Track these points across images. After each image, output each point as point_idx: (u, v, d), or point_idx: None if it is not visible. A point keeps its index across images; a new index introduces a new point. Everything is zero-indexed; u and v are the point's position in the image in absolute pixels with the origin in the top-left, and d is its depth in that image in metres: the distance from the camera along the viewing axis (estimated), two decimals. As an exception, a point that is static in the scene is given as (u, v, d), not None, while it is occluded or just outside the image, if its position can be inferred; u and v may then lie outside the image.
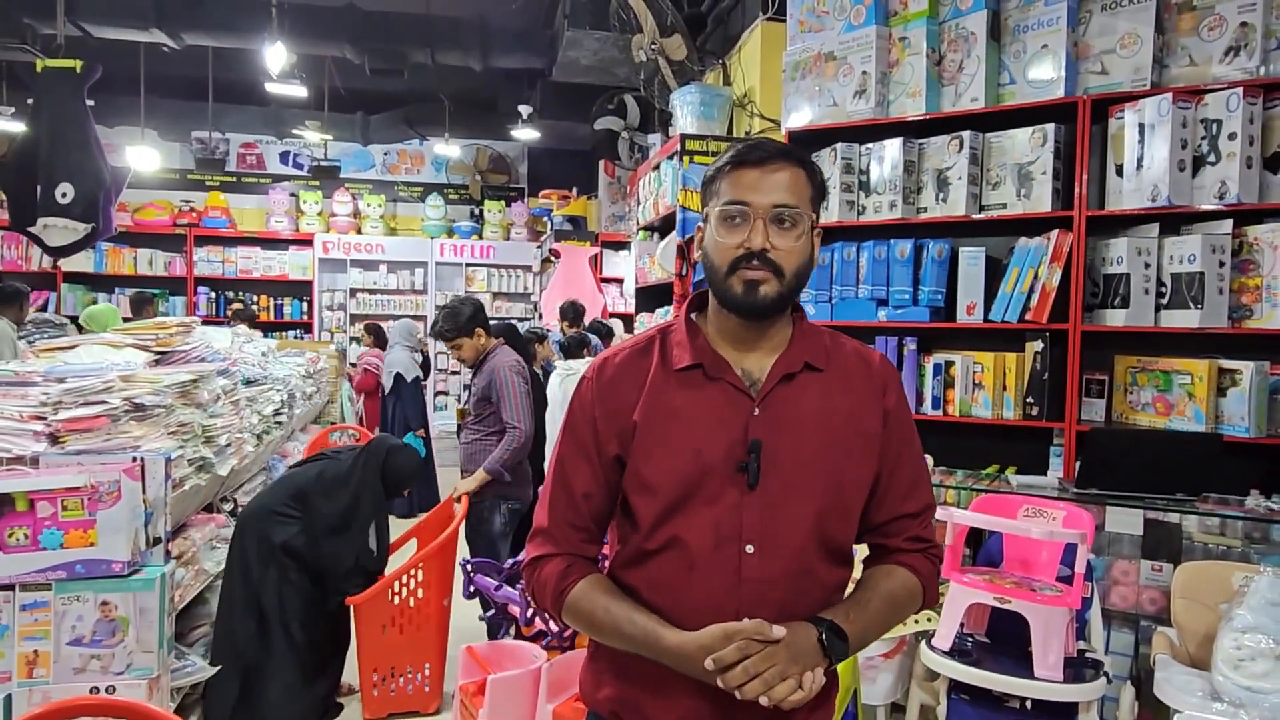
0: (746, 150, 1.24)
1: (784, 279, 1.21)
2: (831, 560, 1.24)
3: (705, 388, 1.24)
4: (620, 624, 1.21)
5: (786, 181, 1.21)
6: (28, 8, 5.25)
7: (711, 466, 1.20)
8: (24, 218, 3.90)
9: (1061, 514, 2.28)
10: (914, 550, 1.29)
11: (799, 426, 1.22)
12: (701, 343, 1.27)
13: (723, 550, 1.18)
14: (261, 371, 4.32)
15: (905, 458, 1.29)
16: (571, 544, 1.29)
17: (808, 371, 1.25)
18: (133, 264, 9.01)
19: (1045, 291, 3.16)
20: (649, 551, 1.23)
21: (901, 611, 1.28)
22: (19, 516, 2.30)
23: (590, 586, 1.25)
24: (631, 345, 1.32)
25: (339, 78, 7.42)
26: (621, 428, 1.25)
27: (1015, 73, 3.32)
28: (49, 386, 2.60)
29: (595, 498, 1.28)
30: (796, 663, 1.11)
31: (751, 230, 1.20)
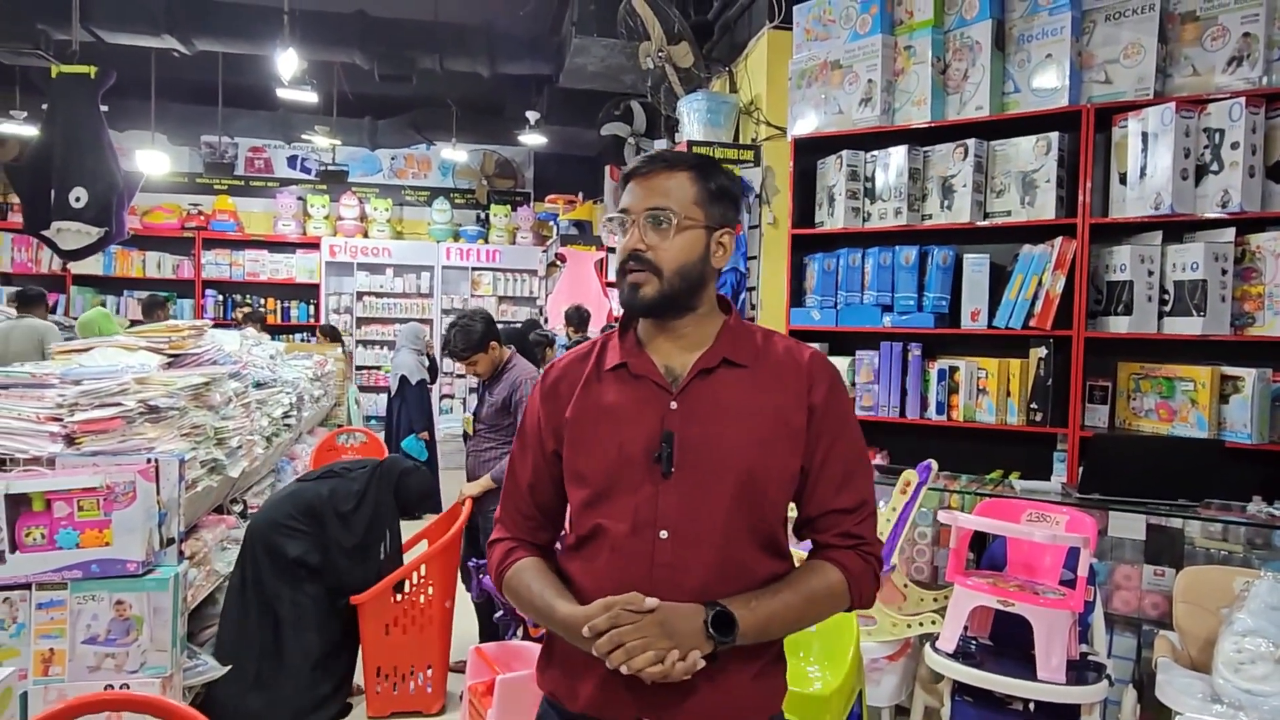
0: (635, 163, 1.34)
1: (663, 277, 1.27)
2: (755, 549, 1.27)
3: (629, 384, 1.31)
4: (535, 599, 1.30)
5: (662, 186, 1.29)
6: (42, 13, 5.31)
7: (631, 457, 1.27)
8: (38, 221, 3.94)
9: (1064, 519, 2.31)
10: (845, 547, 1.30)
11: (715, 419, 1.27)
12: (630, 344, 1.35)
13: (638, 536, 1.24)
14: (271, 374, 4.36)
15: (835, 453, 1.30)
16: (521, 530, 1.40)
17: (727, 367, 1.30)
18: (141, 267, 9.07)
19: (1049, 298, 3.18)
20: (581, 538, 1.32)
21: (820, 608, 1.29)
22: (36, 516, 2.33)
23: (523, 567, 1.35)
24: (576, 351, 1.42)
25: (347, 83, 7.48)
26: (558, 425, 1.34)
27: (1020, 81, 3.35)
28: (65, 388, 2.64)
29: (539, 489, 1.39)
30: (668, 639, 1.15)
31: (628, 235, 1.29)
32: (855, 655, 2.00)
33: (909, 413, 3.50)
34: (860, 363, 3.64)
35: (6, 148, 8.49)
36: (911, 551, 2.81)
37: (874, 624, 2.32)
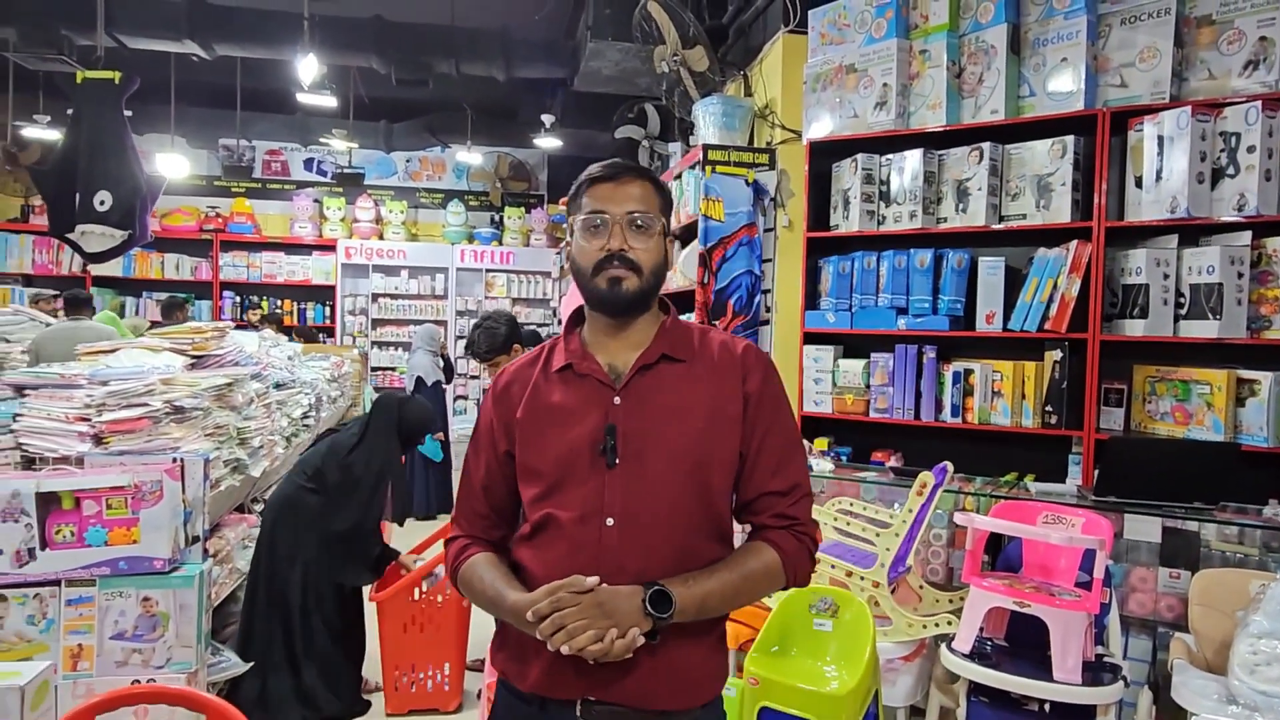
0: (600, 169, 1.40)
1: (643, 276, 1.36)
2: (697, 534, 1.34)
3: (575, 383, 1.39)
4: (486, 589, 1.36)
5: (638, 193, 1.37)
6: (65, 19, 5.39)
7: (579, 451, 1.34)
8: (62, 224, 4.01)
9: (1080, 521, 2.32)
10: (780, 527, 1.38)
11: (657, 412, 1.34)
12: (574, 345, 1.43)
13: (586, 524, 1.31)
14: (289, 375, 4.41)
15: (770, 439, 1.38)
16: (475, 528, 1.46)
17: (666, 362, 1.38)
18: (160, 269, 9.17)
19: (1064, 301, 3.19)
20: (535, 525, 1.37)
21: (757, 586, 1.36)
22: (66, 514, 2.37)
23: (475, 561, 1.42)
24: (525, 357, 1.50)
25: (363, 86, 7.55)
26: (509, 425, 1.41)
27: (1035, 85, 3.36)
28: (93, 389, 2.69)
29: (493, 488, 1.45)
30: (607, 618, 1.21)
31: (610, 234, 1.35)
32: (871, 655, 2.02)
33: (923, 415, 3.51)
34: (875, 365, 3.65)
35: (29, 151, 8.60)
36: (927, 553, 2.82)
37: (890, 624, 2.34)
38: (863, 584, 2.36)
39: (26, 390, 2.69)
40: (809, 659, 2.11)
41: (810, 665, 2.09)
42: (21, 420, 2.60)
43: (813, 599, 2.17)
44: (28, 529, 2.31)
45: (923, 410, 3.52)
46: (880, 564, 2.34)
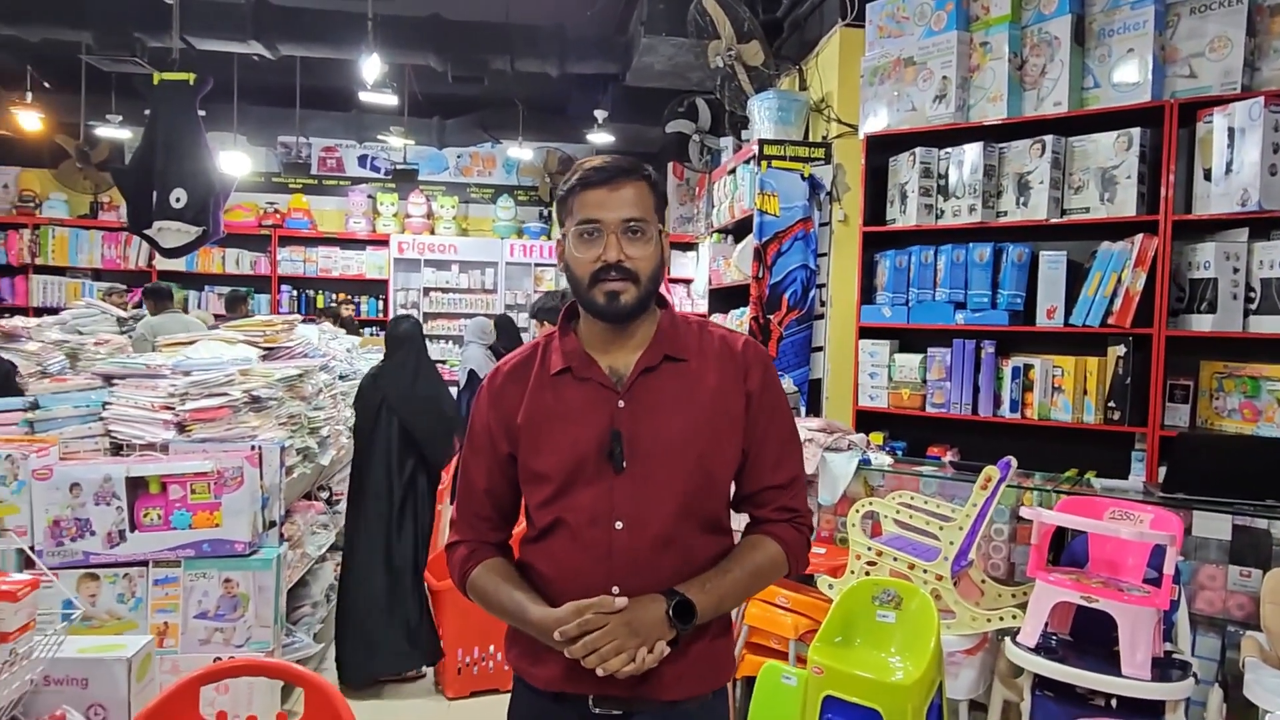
0: (592, 172, 1.35)
1: (640, 284, 1.34)
2: (704, 532, 1.37)
3: (576, 387, 1.37)
4: (504, 601, 1.37)
5: (631, 197, 1.33)
6: (138, 23, 5.58)
7: (585, 456, 1.33)
8: (141, 221, 4.18)
9: (1149, 517, 2.30)
10: (781, 520, 1.40)
11: (661, 413, 1.34)
12: (572, 347, 1.40)
13: (596, 527, 1.32)
14: (350, 367, 4.54)
15: (771, 434, 1.40)
16: (478, 532, 1.46)
17: (669, 363, 1.37)
18: (221, 263, 9.43)
19: (1129, 296, 3.15)
20: (542, 529, 1.38)
21: (764, 578, 1.40)
22: (153, 498, 2.49)
23: (486, 569, 1.42)
24: (519, 355, 1.47)
25: (417, 84, 7.67)
26: (510, 428, 1.40)
27: (1100, 76, 3.31)
28: (176, 379, 2.81)
29: (495, 491, 1.44)
30: (634, 636, 1.23)
31: (606, 244, 1.32)
32: (936, 647, 2.04)
33: (981, 410, 3.50)
34: (931, 360, 3.64)
35: (99, 149, 8.91)
36: (988, 548, 2.82)
37: (953, 618, 2.35)
38: (925, 577, 2.38)
39: (114, 380, 2.83)
40: (873, 650, 2.14)
41: (874, 656, 2.11)
42: (110, 408, 2.73)
43: (875, 590, 2.19)
44: (119, 512, 2.43)
45: (980, 405, 3.50)
46: (944, 557, 2.35)
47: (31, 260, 9.09)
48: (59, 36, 5.88)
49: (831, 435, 3.08)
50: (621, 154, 1.44)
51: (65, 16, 5.64)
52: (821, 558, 2.78)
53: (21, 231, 9.07)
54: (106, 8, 5.65)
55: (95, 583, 2.45)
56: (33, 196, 9.23)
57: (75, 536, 2.41)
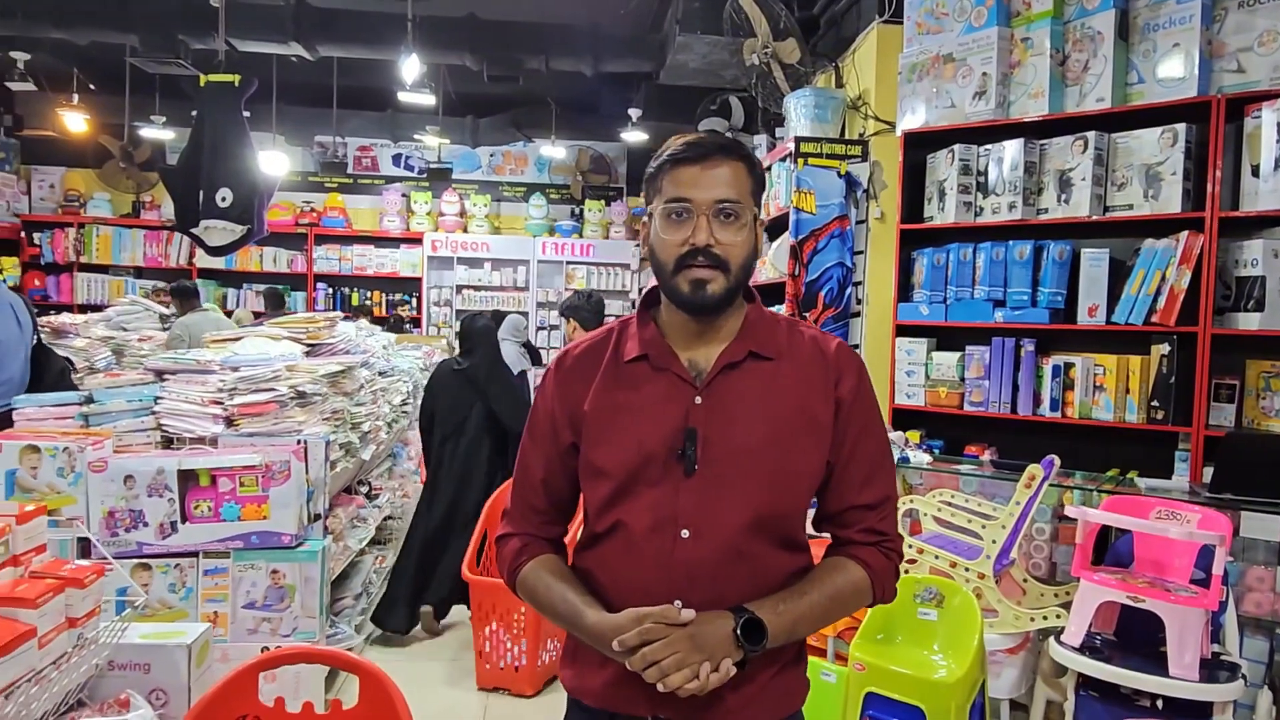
0: (685, 148, 1.23)
1: (730, 273, 1.22)
2: (777, 547, 1.24)
3: (651, 378, 1.26)
4: (555, 602, 1.27)
5: (727, 176, 1.22)
6: (182, 25, 5.71)
7: (653, 454, 1.22)
8: (188, 219, 4.28)
9: (1197, 517, 2.28)
10: (868, 543, 1.27)
11: (741, 414, 1.23)
12: (650, 334, 1.29)
13: (659, 534, 1.21)
14: (388, 363, 4.60)
15: (861, 448, 1.27)
16: (531, 525, 1.36)
17: (754, 360, 1.25)
18: (259, 261, 9.59)
19: (1173, 294, 3.11)
20: (597, 534, 1.28)
21: (845, 606, 1.27)
22: (203, 491, 2.54)
23: (538, 565, 1.31)
24: (591, 338, 1.36)
25: (451, 83, 7.75)
26: (574, 417, 1.29)
27: (1144, 72, 3.27)
28: (225, 374, 2.87)
29: (553, 483, 1.34)
30: (699, 652, 1.12)
31: (695, 227, 1.21)
32: (979, 645, 2.03)
33: (1020, 409, 3.47)
34: (970, 358, 3.62)
35: (141, 149, 9.10)
36: (1029, 547, 2.80)
37: (995, 616, 2.34)
38: (968, 575, 2.37)
39: (166, 375, 2.89)
40: (914, 647, 2.14)
41: (916, 653, 2.11)
42: (162, 403, 2.80)
43: (917, 588, 2.19)
44: (170, 503, 2.49)
45: (1020, 404, 3.47)
46: (986, 555, 2.34)
47: (76, 258, 9.32)
48: (106, 39, 6.02)
49: (870, 433, 3.07)
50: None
51: (112, 20, 5.78)
52: (860, 555, 2.77)
53: (67, 230, 9.30)
54: (152, 11, 5.78)
55: (148, 572, 2.51)
56: (77, 196, 9.45)
57: (129, 527, 2.47)
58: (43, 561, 1.56)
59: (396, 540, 4.75)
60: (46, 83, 7.33)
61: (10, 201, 9.03)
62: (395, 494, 4.64)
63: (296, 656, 1.60)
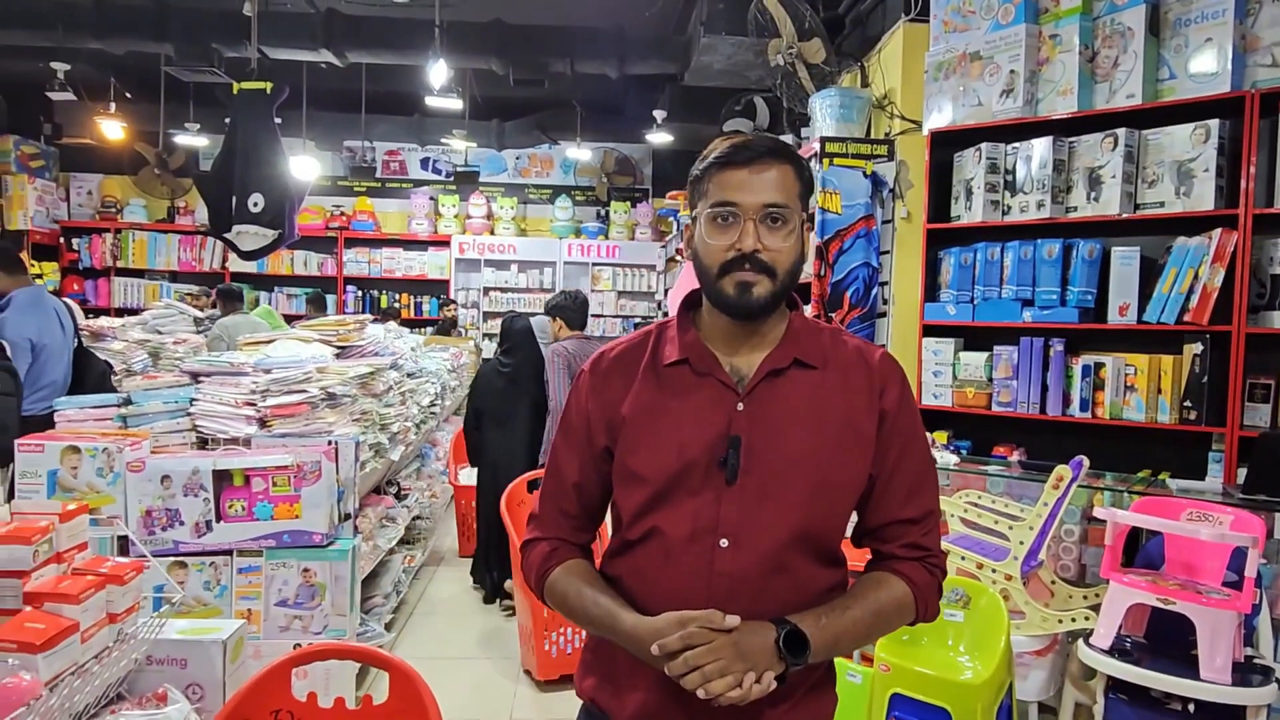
0: (733, 150, 1.20)
1: (776, 279, 1.19)
2: (816, 560, 1.22)
3: (692, 383, 1.24)
4: (587, 605, 1.23)
5: (775, 180, 1.19)
6: (216, 34, 5.82)
7: (693, 461, 1.20)
8: (222, 225, 4.37)
9: (1229, 518, 2.25)
10: (911, 559, 1.24)
11: (784, 423, 1.20)
12: (691, 338, 1.26)
13: (698, 543, 1.18)
14: (416, 365, 4.65)
15: (905, 461, 1.24)
16: (561, 530, 1.32)
17: (798, 368, 1.23)
18: (290, 265, 9.73)
19: (1206, 292, 3.06)
20: (631, 542, 1.25)
21: (888, 623, 1.24)
22: (236, 491, 2.59)
23: (568, 570, 1.28)
24: (628, 340, 1.34)
25: (476, 87, 7.82)
26: (611, 420, 1.26)
27: (1175, 67, 3.22)
28: (258, 377, 2.93)
29: (586, 487, 1.31)
30: (742, 660, 1.08)
31: (742, 232, 1.18)
32: (1006, 647, 2.02)
33: (1049, 409, 3.43)
34: (998, 358, 3.59)
35: (176, 156, 9.28)
36: (1058, 549, 2.77)
37: (1023, 618, 2.33)
38: (994, 576, 2.35)
39: (200, 377, 2.96)
40: (940, 649, 2.13)
41: (942, 654, 2.11)
42: (197, 404, 2.86)
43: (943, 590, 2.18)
44: (205, 503, 2.54)
45: (1049, 404, 3.44)
46: (1013, 557, 2.33)
47: (113, 263, 9.52)
48: (142, 49, 6.15)
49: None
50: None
51: (149, 30, 5.91)
52: (886, 557, 2.77)
53: (104, 236, 9.51)
54: (187, 21, 5.90)
55: (184, 570, 2.56)
56: (114, 202, 9.66)
57: (166, 526, 2.53)
58: (84, 559, 1.61)
59: (425, 540, 4.80)
60: (85, 92, 7.50)
61: (50, 208, 9.25)
62: (424, 494, 4.69)
63: (329, 653, 1.63)
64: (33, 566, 1.46)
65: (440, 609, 4.38)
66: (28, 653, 1.33)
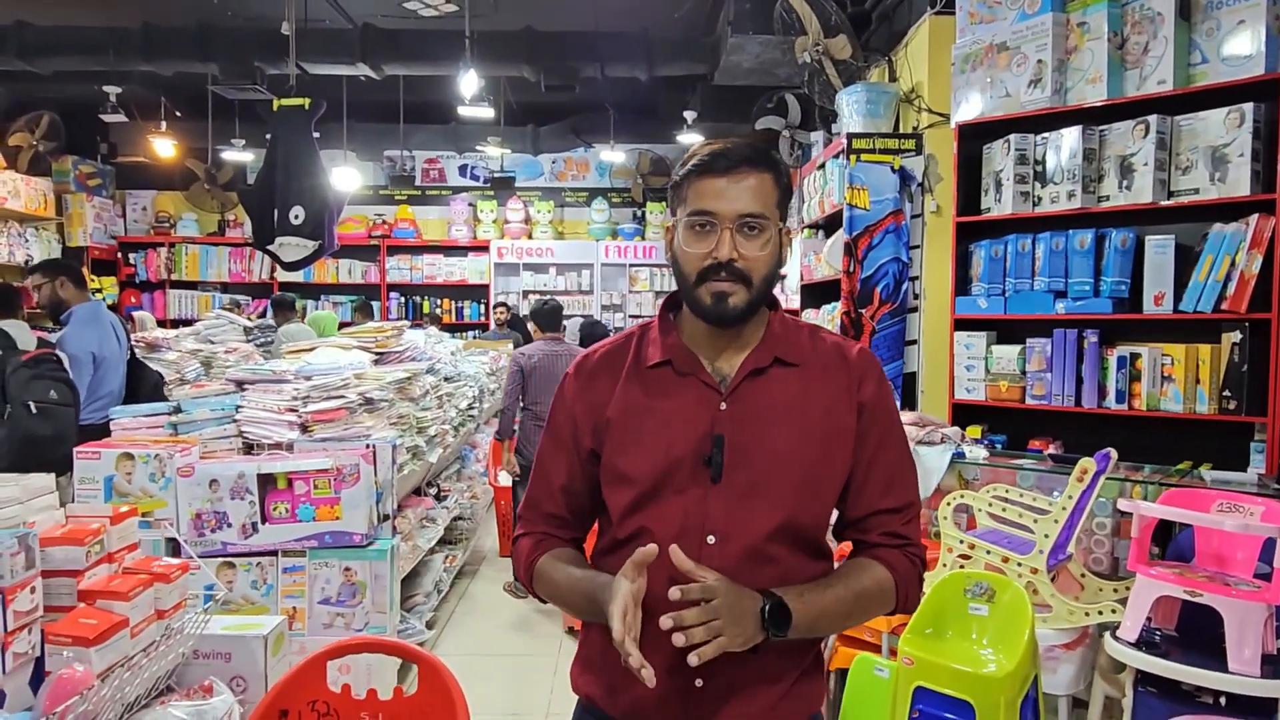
0: (711, 158, 1.21)
1: (752, 287, 1.21)
2: (802, 552, 1.24)
3: (675, 384, 1.26)
4: (575, 580, 1.25)
5: (753, 189, 1.20)
6: (258, 53, 6.02)
7: (679, 460, 1.22)
8: (264, 237, 4.53)
9: (1260, 509, 2.21)
10: (892, 546, 1.26)
11: (768, 421, 1.22)
12: (673, 340, 1.28)
13: (685, 540, 1.18)
14: (455, 369, 4.75)
15: (883, 452, 1.26)
16: (549, 528, 1.35)
17: (779, 366, 1.25)
18: (335, 274, 9.97)
19: (1244, 279, 3.01)
20: (620, 540, 1.26)
21: (869, 607, 1.25)
22: (280, 493, 2.70)
23: (554, 556, 1.31)
24: (610, 343, 1.35)
25: (511, 93, 7.94)
26: (596, 423, 1.28)
27: (1208, 51, 3.17)
28: (299, 383, 3.04)
29: (573, 490, 1.32)
30: (735, 625, 1.08)
31: (719, 241, 1.19)
32: (1029, 640, 2.02)
33: (1085, 401, 3.39)
34: (1031, 350, 3.56)
35: (224, 171, 9.58)
36: (1090, 542, 2.75)
37: (1049, 611, 2.32)
38: (1020, 570, 2.35)
39: (245, 385, 3.08)
40: (964, 642, 2.14)
41: (966, 648, 2.11)
42: (242, 411, 2.98)
43: (967, 583, 2.19)
44: (251, 506, 2.65)
45: (1084, 396, 3.40)
46: (1039, 550, 2.32)
47: (168, 276, 9.86)
48: (189, 70, 6.39)
49: (924, 429, 3.06)
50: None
51: (194, 52, 6.13)
52: (915, 551, 2.77)
53: (159, 250, 9.85)
54: (229, 41, 6.12)
55: (232, 570, 2.67)
56: (167, 217, 10.00)
57: (214, 528, 2.64)
58: (134, 559, 1.71)
59: (466, 540, 4.90)
60: (137, 112, 7.80)
61: (107, 224, 9.61)
62: (464, 495, 4.79)
63: (360, 646, 1.71)
64: (85, 566, 1.56)
65: (481, 607, 4.48)
66: (81, 646, 1.42)
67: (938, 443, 3.02)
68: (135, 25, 6.15)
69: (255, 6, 6.20)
